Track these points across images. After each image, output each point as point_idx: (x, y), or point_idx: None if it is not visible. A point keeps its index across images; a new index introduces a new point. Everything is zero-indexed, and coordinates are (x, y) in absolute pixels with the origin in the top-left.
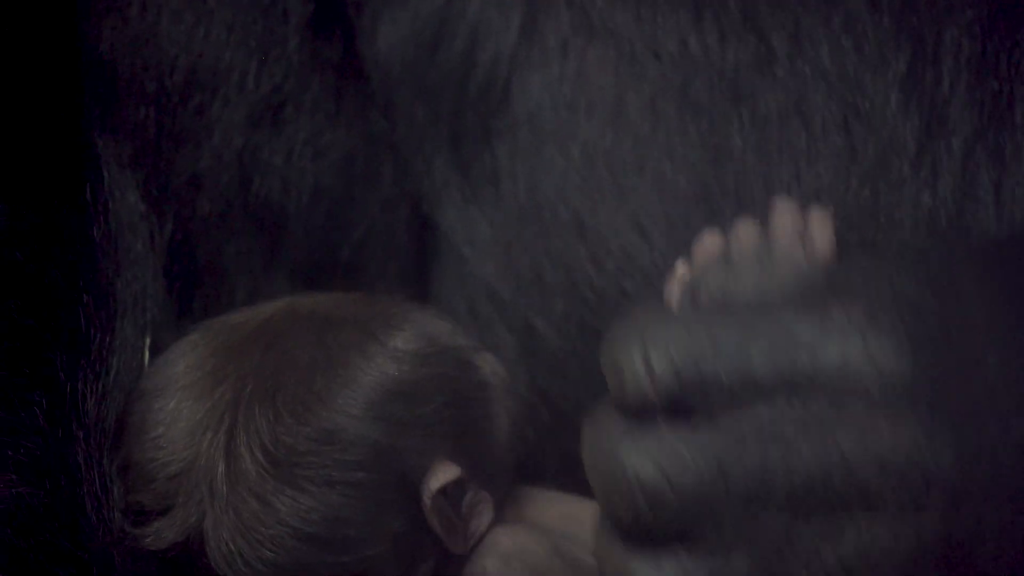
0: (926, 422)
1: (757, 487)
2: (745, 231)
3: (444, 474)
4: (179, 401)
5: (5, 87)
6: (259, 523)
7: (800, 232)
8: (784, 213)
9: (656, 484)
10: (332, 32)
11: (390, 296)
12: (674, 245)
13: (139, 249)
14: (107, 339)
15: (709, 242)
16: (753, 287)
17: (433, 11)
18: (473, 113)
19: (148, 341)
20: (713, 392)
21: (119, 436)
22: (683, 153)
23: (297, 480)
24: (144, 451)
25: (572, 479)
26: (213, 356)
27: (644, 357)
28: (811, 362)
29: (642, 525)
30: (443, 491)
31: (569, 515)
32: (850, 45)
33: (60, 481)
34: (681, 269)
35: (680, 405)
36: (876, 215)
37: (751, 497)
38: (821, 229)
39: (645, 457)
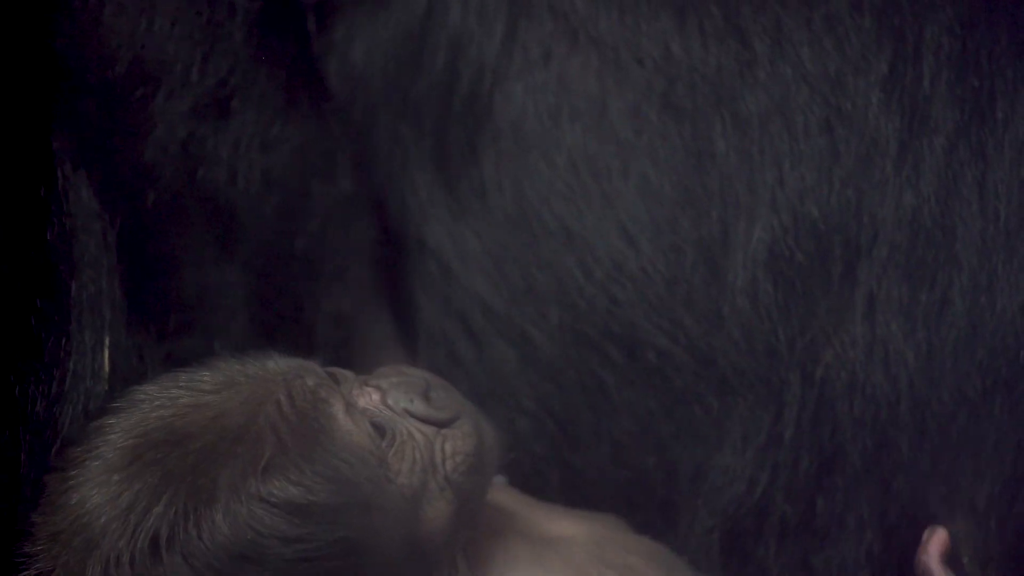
0: None
1: None
2: None
3: None
4: (66, 499)
5: None
6: None
7: None
8: None
9: None
10: (282, 27)
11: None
12: (661, 250)
13: (93, 249)
14: (62, 342)
15: None
16: None
17: (412, 23)
18: (458, 127)
19: (108, 341)
20: None
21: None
22: (667, 158)
23: None
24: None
25: (574, 488)
26: (104, 454)
27: None
28: None
29: None
30: None
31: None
32: (832, 46)
33: None
34: None
35: None
36: (859, 215)
37: None
38: None
39: None
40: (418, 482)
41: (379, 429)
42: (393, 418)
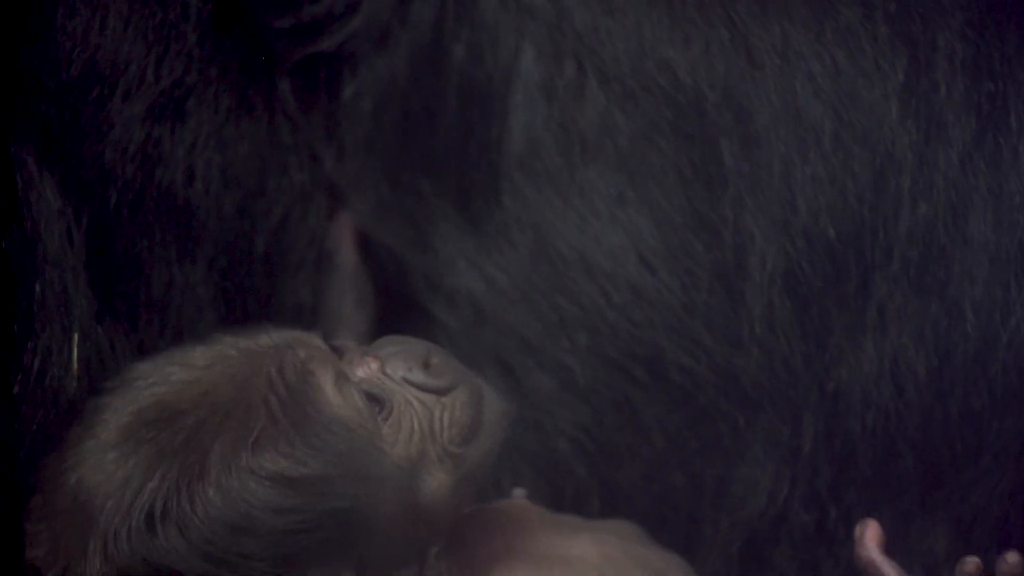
0: None
1: None
2: None
3: None
4: (64, 479)
5: None
6: None
7: None
8: None
9: None
10: (233, 28)
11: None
12: (677, 275)
13: (57, 247)
14: (26, 343)
15: None
16: None
17: (420, 70)
18: (477, 171)
19: (76, 339)
20: None
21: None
22: (678, 184)
23: None
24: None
25: (610, 505)
26: (99, 434)
27: None
28: None
29: None
30: None
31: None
32: (844, 59)
33: None
34: None
35: None
36: (875, 230)
37: None
38: None
39: None
40: (416, 451)
41: (374, 399)
42: (391, 387)
